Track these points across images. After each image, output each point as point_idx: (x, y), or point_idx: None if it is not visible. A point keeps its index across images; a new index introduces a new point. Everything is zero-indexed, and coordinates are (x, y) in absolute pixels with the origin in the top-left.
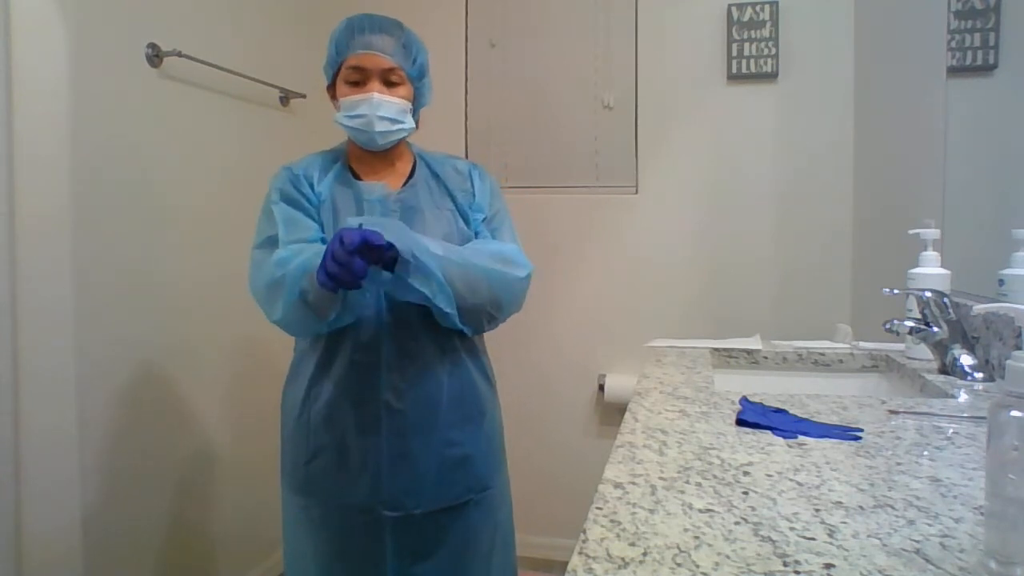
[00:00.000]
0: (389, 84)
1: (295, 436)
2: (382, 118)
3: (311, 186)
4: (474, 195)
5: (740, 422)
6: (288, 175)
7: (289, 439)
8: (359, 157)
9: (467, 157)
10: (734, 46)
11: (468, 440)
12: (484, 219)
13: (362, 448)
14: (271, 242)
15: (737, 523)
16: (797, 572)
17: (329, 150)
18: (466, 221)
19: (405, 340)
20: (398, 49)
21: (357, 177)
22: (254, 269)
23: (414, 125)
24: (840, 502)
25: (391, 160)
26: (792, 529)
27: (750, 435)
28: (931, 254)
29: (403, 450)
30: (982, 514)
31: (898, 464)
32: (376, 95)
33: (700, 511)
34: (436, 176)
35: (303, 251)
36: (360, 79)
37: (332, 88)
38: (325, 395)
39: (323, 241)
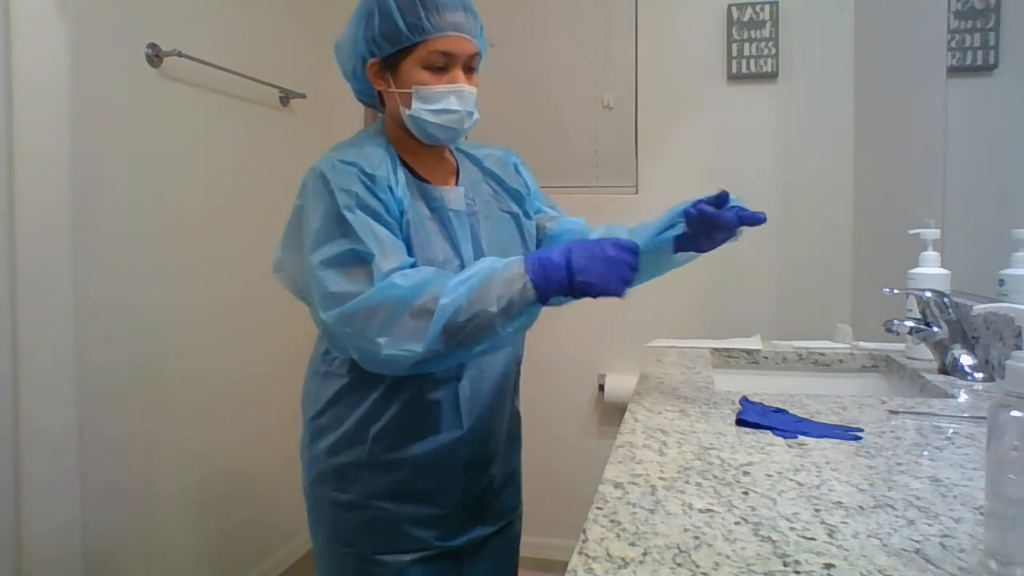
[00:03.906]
0: (467, 71)
1: (354, 472)
2: (470, 113)
3: (391, 190)
4: (528, 187)
5: (740, 422)
6: (357, 173)
7: (340, 476)
8: (414, 152)
9: None
10: (734, 46)
11: (515, 462)
12: (540, 200)
13: (433, 487)
14: (356, 258)
15: (737, 523)
16: (797, 572)
17: (372, 138)
18: (526, 217)
19: (481, 376)
20: (479, 31)
21: (421, 179)
22: (333, 295)
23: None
24: (840, 502)
25: (444, 155)
26: (792, 529)
27: (750, 435)
28: (931, 254)
29: (471, 485)
30: (982, 514)
31: (898, 464)
32: (466, 87)
33: (700, 511)
34: (486, 172)
35: (444, 276)
36: (445, 65)
37: (385, 64)
38: (392, 430)
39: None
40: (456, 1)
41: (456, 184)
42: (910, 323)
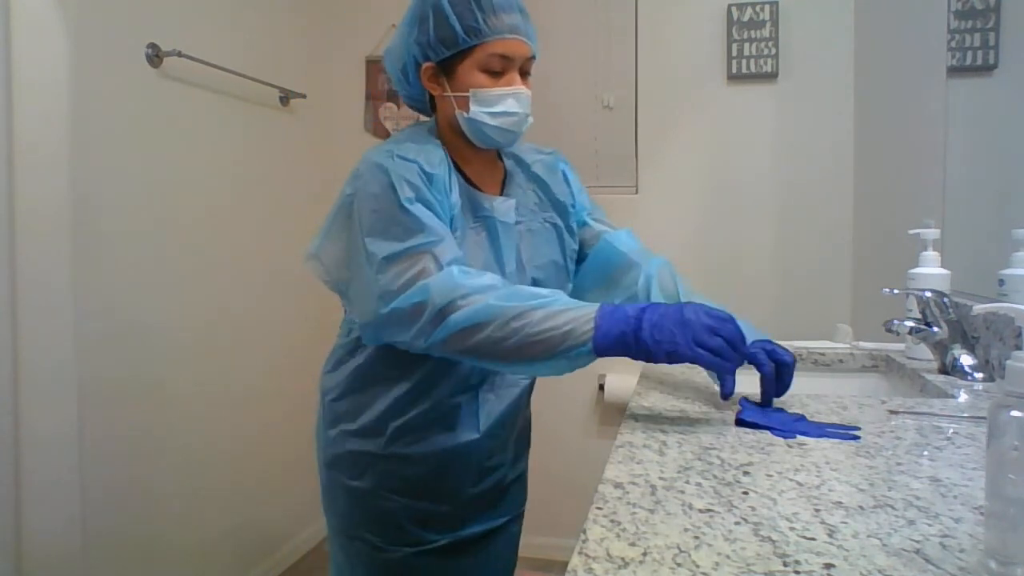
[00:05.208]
0: (522, 74)
1: (369, 461)
2: (527, 115)
3: (445, 191)
4: (574, 199)
5: (740, 422)
6: (417, 170)
7: (355, 463)
8: (465, 158)
9: None
10: (734, 46)
11: (523, 464)
12: (586, 212)
13: (444, 484)
14: (418, 249)
15: (737, 523)
16: (797, 572)
17: (428, 138)
18: (569, 232)
19: (503, 389)
20: (534, 33)
21: (473, 185)
22: (406, 292)
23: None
24: (840, 502)
25: (494, 161)
26: (792, 529)
27: (750, 435)
28: (931, 254)
29: (481, 484)
30: (982, 514)
31: (898, 464)
32: (524, 89)
33: (700, 511)
34: (533, 178)
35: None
36: (502, 69)
37: (440, 68)
38: (411, 427)
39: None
40: (512, 3)
41: (503, 192)
42: (910, 323)
